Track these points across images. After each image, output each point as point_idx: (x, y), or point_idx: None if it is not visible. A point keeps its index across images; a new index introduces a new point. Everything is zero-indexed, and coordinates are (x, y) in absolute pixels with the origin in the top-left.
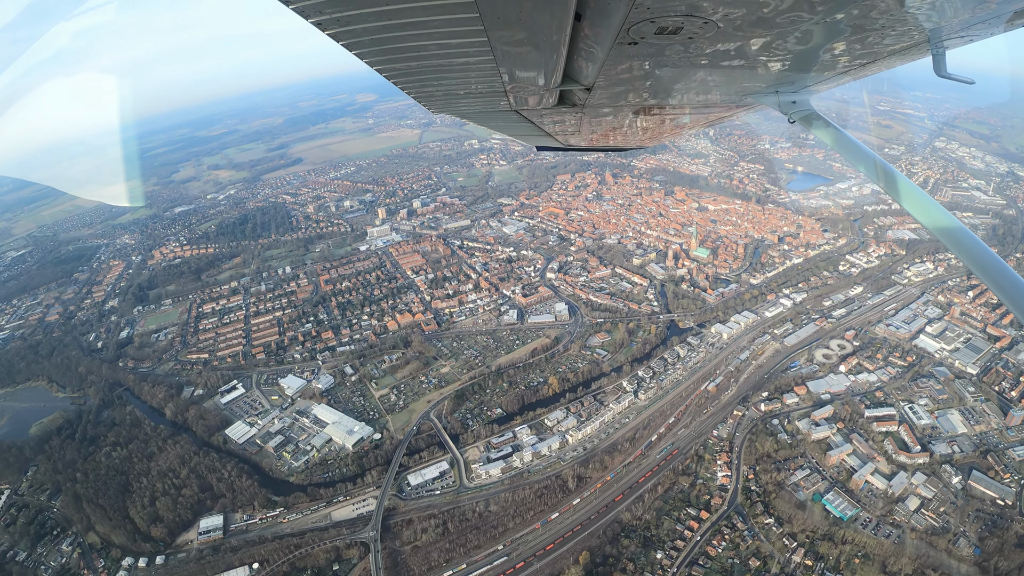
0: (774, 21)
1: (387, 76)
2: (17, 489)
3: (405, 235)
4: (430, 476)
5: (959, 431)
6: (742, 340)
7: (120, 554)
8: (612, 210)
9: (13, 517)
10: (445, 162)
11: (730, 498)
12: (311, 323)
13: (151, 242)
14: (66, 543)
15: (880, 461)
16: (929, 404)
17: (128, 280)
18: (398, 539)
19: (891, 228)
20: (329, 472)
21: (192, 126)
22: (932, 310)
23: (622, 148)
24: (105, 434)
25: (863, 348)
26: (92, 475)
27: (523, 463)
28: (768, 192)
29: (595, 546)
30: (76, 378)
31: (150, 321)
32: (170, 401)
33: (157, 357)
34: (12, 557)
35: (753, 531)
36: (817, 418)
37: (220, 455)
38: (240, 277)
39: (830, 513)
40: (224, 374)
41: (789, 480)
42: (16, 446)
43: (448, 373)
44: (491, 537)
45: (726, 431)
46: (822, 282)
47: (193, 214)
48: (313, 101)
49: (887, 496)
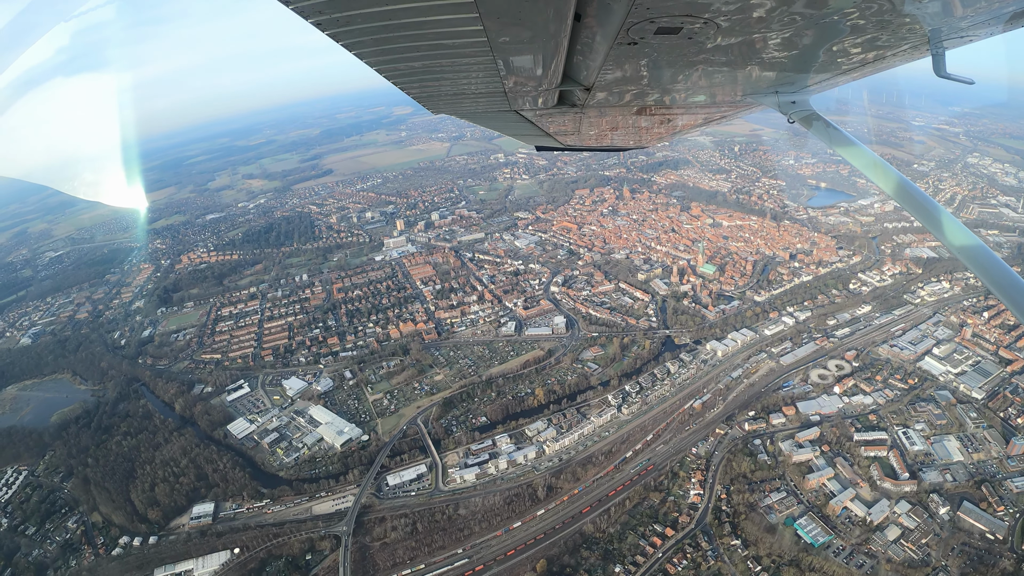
0: (774, 21)
1: (387, 76)
2: (34, 471)
3: (420, 247)
4: (408, 478)
5: (955, 459)
6: (737, 358)
7: (118, 533)
8: (625, 225)
9: (28, 495)
10: (469, 175)
11: (699, 517)
12: (319, 329)
13: (180, 247)
14: (72, 521)
15: (863, 487)
16: (926, 429)
17: (155, 283)
18: (369, 535)
19: (910, 246)
20: (316, 469)
21: (232, 135)
22: (942, 331)
23: (622, 148)
24: (118, 424)
25: (862, 369)
26: (102, 461)
27: (498, 470)
28: (786, 209)
29: (554, 555)
30: (98, 372)
31: (171, 322)
32: (180, 397)
33: (174, 356)
34: (23, 531)
35: (717, 552)
36: (801, 440)
37: (219, 448)
38: (259, 283)
39: (801, 538)
40: (233, 374)
41: (763, 502)
42: (36, 432)
43: (441, 381)
44: (456, 540)
45: (705, 449)
46: (829, 300)
47: (223, 221)
48: (351, 113)
49: (865, 524)
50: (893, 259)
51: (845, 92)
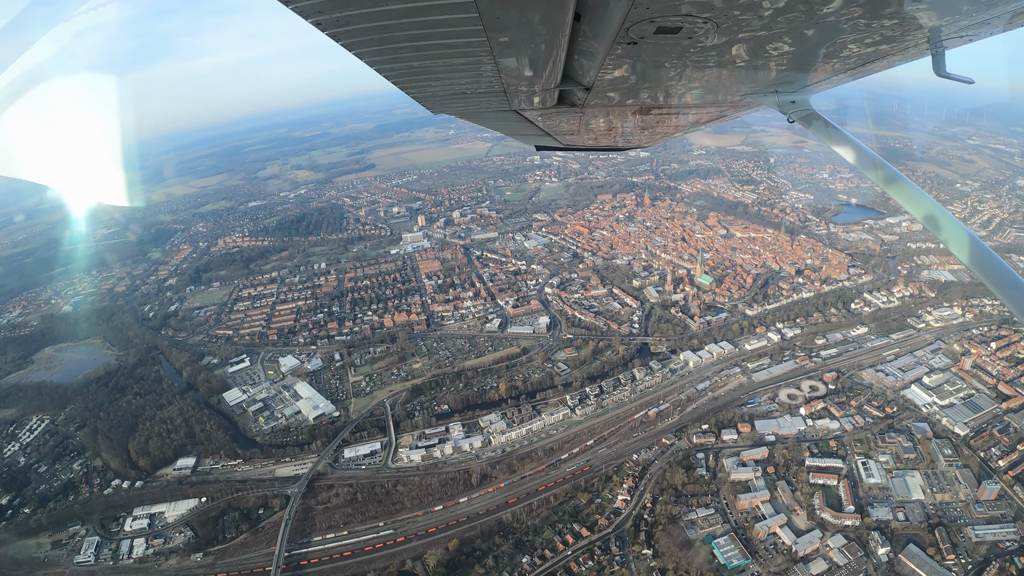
0: (774, 21)
1: (387, 76)
2: (55, 420)
3: (435, 243)
4: (363, 452)
5: (914, 496)
6: (709, 370)
7: (113, 476)
8: (636, 231)
9: (45, 440)
10: (501, 176)
11: (619, 522)
12: (323, 314)
13: (219, 231)
14: (77, 464)
15: (799, 514)
16: (889, 462)
17: (190, 263)
18: (315, 499)
19: (929, 268)
20: (288, 437)
21: (291, 126)
22: (939, 359)
23: (622, 148)
24: (132, 386)
25: (838, 392)
26: (111, 415)
27: (443, 455)
28: (807, 223)
29: (469, 538)
30: (124, 340)
31: (197, 299)
32: (189, 366)
33: (192, 329)
34: (35, 469)
35: (625, 559)
36: (746, 458)
37: (211, 412)
38: (281, 268)
39: (716, 558)
40: (239, 349)
41: (686, 516)
42: (62, 388)
43: (417, 369)
44: (387, 512)
45: (647, 457)
46: (824, 319)
47: (262, 209)
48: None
49: (789, 553)
50: (907, 280)
51: (904, 106)
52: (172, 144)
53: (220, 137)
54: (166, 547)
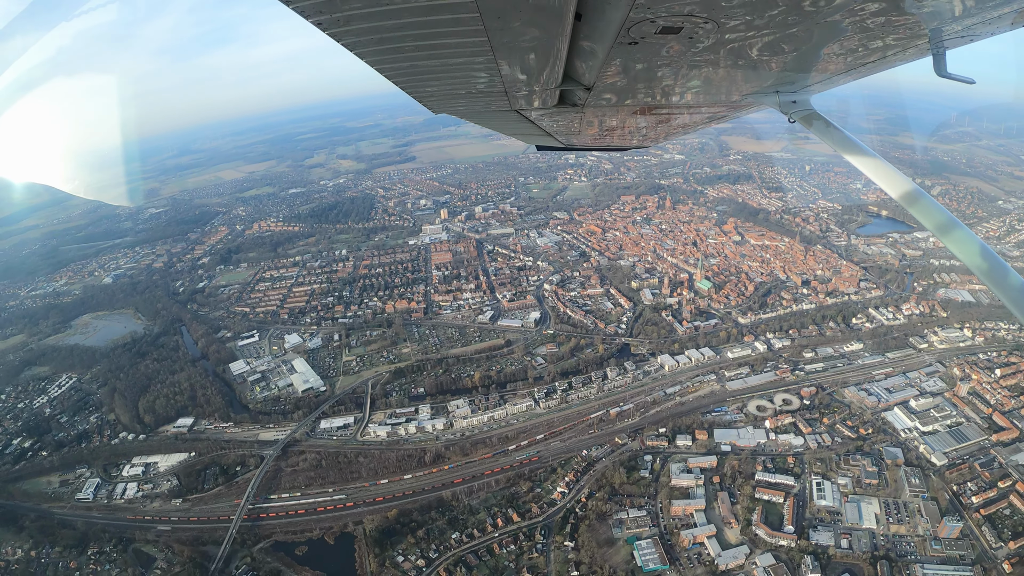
0: (774, 21)
1: (387, 76)
2: (81, 378)
3: (452, 236)
4: (336, 425)
5: (865, 525)
6: (683, 375)
7: (121, 429)
8: (649, 234)
9: (70, 396)
10: (533, 173)
11: (550, 513)
12: (333, 297)
13: (257, 215)
14: (93, 417)
15: (732, 528)
16: (848, 486)
17: (224, 244)
18: (286, 462)
19: (948, 286)
20: (276, 407)
21: (345, 116)
22: (933, 383)
23: (623, 148)
24: (152, 352)
25: (811, 408)
26: (130, 376)
27: (406, 433)
28: (828, 233)
29: (408, 510)
30: (153, 312)
31: (224, 278)
32: (205, 337)
33: (215, 305)
34: (57, 419)
35: (547, 548)
36: (693, 465)
37: (215, 380)
38: (305, 253)
39: (635, 559)
40: (252, 325)
41: (616, 515)
42: (92, 351)
43: (405, 353)
44: (344, 480)
45: (595, 454)
46: (819, 332)
47: (300, 196)
48: None
49: (711, 565)
50: (920, 298)
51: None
52: (230, 130)
53: (275, 124)
54: (153, 492)
